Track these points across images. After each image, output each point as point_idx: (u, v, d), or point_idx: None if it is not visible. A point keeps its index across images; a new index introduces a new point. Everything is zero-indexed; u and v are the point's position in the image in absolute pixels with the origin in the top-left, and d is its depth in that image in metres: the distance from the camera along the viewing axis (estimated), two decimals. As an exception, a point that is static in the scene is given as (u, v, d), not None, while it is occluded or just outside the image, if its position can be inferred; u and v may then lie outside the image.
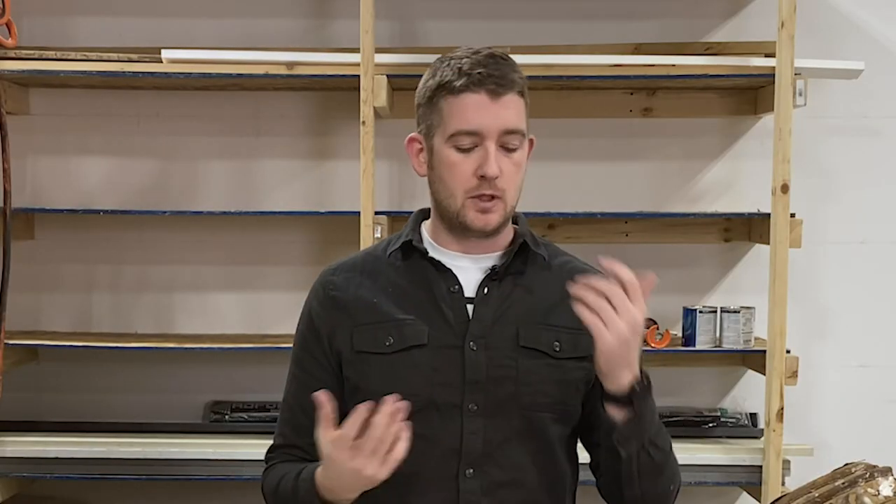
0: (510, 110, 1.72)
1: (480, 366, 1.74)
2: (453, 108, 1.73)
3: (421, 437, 1.70)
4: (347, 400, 1.76)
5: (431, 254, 1.80)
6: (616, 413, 1.65)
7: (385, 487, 1.65)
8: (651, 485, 1.73)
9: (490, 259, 1.80)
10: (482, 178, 1.71)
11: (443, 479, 1.73)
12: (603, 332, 1.58)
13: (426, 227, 1.85)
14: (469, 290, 1.78)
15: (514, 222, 1.86)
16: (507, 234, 1.83)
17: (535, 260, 1.82)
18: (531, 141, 1.82)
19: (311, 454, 1.75)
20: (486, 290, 1.78)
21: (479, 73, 1.71)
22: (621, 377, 1.63)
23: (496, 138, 1.72)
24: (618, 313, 1.58)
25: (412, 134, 1.82)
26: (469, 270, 1.79)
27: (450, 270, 1.79)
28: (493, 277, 1.78)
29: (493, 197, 1.73)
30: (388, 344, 1.76)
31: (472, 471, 1.73)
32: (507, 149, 1.73)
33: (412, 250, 1.82)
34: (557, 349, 1.76)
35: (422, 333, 1.75)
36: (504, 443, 1.74)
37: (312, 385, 1.77)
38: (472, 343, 1.74)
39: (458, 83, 1.72)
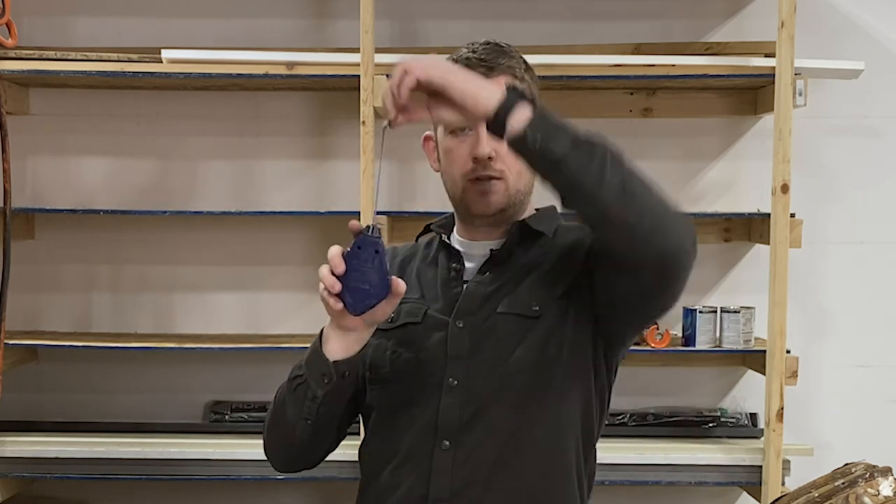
0: None
1: (463, 342, 1.74)
2: None
3: (404, 411, 1.75)
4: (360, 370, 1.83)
5: (445, 238, 1.85)
6: (518, 133, 1.55)
7: (370, 458, 1.76)
8: (619, 194, 1.54)
9: (496, 243, 1.82)
10: (476, 159, 1.74)
11: (420, 454, 1.73)
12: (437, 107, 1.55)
13: None
14: (471, 273, 1.81)
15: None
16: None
17: (540, 241, 1.82)
18: None
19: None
20: (486, 273, 1.79)
21: (467, 59, 1.76)
22: (483, 98, 1.55)
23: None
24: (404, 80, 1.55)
25: (427, 132, 1.87)
26: (476, 256, 1.82)
27: (458, 253, 1.82)
28: (493, 261, 1.80)
29: (491, 178, 1.75)
30: (389, 321, 1.78)
31: (447, 443, 1.72)
32: None
33: (435, 236, 1.88)
34: (536, 308, 1.74)
35: (418, 311, 1.79)
36: (479, 411, 1.72)
37: None
38: (458, 321, 1.75)
39: None
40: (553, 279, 1.76)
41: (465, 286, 1.79)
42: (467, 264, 1.81)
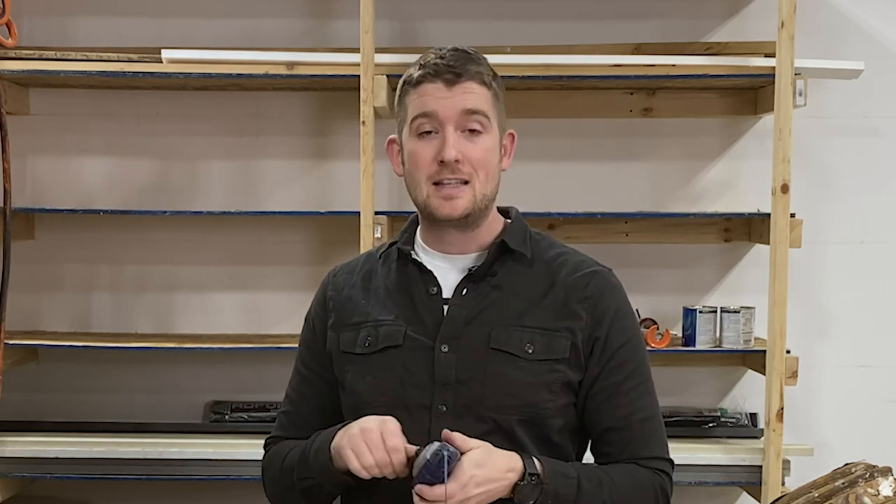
0: (468, 94, 1.74)
1: (450, 367, 1.73)
2: (413, 98, 1.76)
3: None
4: (342, 399, 1.83)
5: (414, 255, 1.81)
6: None
7: (360, 484, 1.71)
8: None
9: (471, 259, 1.80)
10: (442, 163, 1.72)
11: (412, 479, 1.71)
12: None
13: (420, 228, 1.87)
14: (448, 291, 1.78)
15: (508, 217, 1.86)
16: (493, 229, 1.82)
17: (517, 258, 1.80)
18: (512, 136, 1.84)
19: None
20: (464, 291, 1.77)
21: (435, 64, 1.75)
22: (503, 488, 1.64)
23: (454, 122, 1.73)
24: None
25: (391, 136, 1.85)
26: (450, 271, 1.80)
27: (431, 272, 1.79)
28: (471, 279, 1.78)
29: (459, 182, 1.73)
30: (366, 345, 1.78)
31: None
32: (471, 133, 1.74)
33: (399, 251, 1.84)
34: (530, 351, 1.73)
35: (398, 334, 1.77)
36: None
37: (311, 381, 1.88)
38: (443, 345, 1.74)
39: (416, 75, 1.76)
40: (546, 326, 1.75)
41: (445, 308, 1.77)
42: (441, 281, 1.79)
